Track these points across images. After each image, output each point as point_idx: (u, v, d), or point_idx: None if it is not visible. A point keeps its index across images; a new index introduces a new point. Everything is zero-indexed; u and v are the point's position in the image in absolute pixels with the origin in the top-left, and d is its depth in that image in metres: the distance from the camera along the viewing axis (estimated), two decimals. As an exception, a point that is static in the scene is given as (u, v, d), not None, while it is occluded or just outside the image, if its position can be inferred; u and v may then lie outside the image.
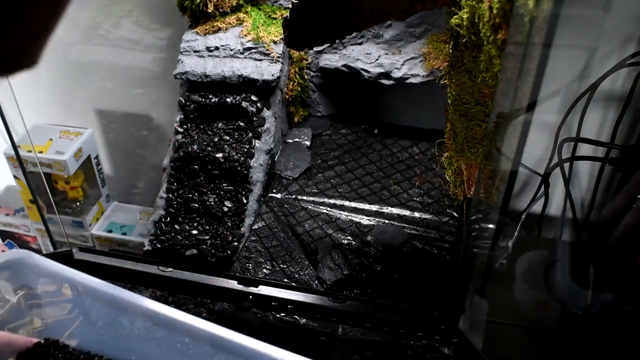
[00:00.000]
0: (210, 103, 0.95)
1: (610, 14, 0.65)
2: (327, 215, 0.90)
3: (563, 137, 0.71)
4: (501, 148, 0.57)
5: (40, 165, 1.19)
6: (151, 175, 1.41)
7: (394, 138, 1.05)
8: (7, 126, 1.02)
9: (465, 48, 0.70)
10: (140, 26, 1.17)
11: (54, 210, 1.09)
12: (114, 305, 0.62)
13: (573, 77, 0.71)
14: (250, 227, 0.89)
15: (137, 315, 0.61)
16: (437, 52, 0.98)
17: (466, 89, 0.75)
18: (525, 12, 0.46)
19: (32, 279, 0.66)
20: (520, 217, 0.76)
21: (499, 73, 0.57)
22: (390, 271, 0.81)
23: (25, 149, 1.17)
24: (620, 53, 0.68)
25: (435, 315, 0.75)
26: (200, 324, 0.58)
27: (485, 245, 0.66)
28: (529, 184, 0.80)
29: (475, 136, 0.80)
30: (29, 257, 0.63)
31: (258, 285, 0.74)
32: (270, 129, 0.95)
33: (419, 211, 0.90)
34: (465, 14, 0.62)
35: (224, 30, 0.97)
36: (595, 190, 0.78)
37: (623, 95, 0.71)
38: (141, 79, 1.26)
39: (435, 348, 0.71)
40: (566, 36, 0.64)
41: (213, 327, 0.57)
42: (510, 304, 0.76)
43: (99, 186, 1.33)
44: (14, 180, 1.27)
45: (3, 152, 1.21)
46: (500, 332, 0.73)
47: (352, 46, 1.03)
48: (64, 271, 0.64)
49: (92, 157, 1.27)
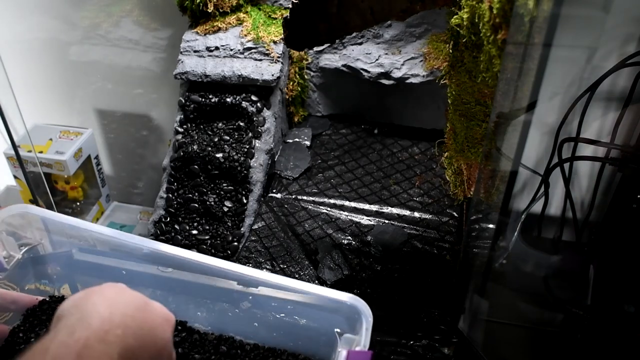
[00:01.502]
0: (210, 103, 0.95)
1: (610, 14, 0.65)
2: (327, 215, 0.90)
3: (563, 137, 0.71)
4: (501, 148, 0.57)
5: (40, 165, 1.19)
6: (151, 175, 1.41)
7: (394, 138, 1.05)
8: (7, 126, 1.02)
9: (465, 48, 0.70)
10: (140, 26, 1.17)
11: (54, 210, 1.09)
12: (117, 250, 0.63)
13: (573, 77, 0.71)
14: (250, 227, 0.89)
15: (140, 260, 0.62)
16: (437, 52, 0.98)
17: (466, 89, 0.75)
18: (525, 12, 0.46)
19: (35, 232, 0.66)
20: (520, 217, 0.76)
21: (499, 73, 0.57)
22: (390, 271, 0.81)
23: (25, 149, 1.17)
24: (620, 53, 0.68)
25: (435, 315, 0.75)
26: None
27: (485, 245, 0.66)
28: (529, 184, 0.80)
29: (475, 136, 0.80)
30: (30, 210, 0.63)
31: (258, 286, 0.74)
32: (270, 129, 0.95)
33: (419, 211, 0.90)
34: (465, 14, 0.62)
35: (224, 30, 0.97)
36: (595, 190, 0.78)
37: (623, 95, 0.71)
38: (141, 79, 1.26)
39: (435, 348, 0.71)
40: (566, 36, 0.64)
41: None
42: (510, 304, 0.76)
43: (99, 186, 1.33)
44: (14, 180, 1.27)
45: (3, 152, 1.21)
46: (500, 332, 0.73)
47: (352, 46, 1.03)
48: (67, 221, 0.64)
49: (92, 157, 1.27)
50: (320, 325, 0.61)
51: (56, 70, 1.28)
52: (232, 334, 0.65)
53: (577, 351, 0.71)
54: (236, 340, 0.64)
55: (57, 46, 1.23)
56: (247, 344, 0.64)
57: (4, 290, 0.62)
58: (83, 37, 1.21)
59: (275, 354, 0.63)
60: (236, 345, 0.63)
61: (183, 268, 0.64)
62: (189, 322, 0.67)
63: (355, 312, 0.56)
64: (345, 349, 0.53)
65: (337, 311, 0.58)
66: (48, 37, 1.22)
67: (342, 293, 0.57)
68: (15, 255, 0.65)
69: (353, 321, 0.56)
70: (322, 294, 0.58)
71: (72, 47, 1.23)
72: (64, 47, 1.23)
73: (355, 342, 0.54)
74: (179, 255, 0.63)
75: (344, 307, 0.57)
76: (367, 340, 0.53)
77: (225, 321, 0.66)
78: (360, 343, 0.53)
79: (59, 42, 1.23)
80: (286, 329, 0.64)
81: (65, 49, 1.23)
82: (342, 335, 0.55)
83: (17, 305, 0.61)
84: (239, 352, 0.63)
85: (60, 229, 0.66)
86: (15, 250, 0.65)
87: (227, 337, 0.64)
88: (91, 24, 1.19)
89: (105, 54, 1.23)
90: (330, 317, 0.59)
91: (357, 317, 0.56)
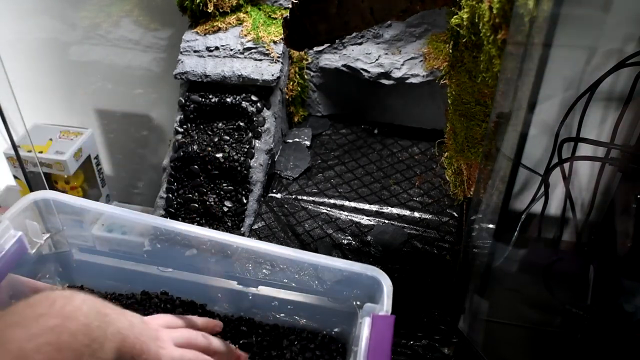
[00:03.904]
0: (210, 103, 0.94)
1: (610, 14, 0.65)
2: (327, 215, 0.90)
3: (563, 137, 0.71)
4: (501, 148, 0.57)
5: (40, 165, 1.19)
6: (151, 175, 1.41)
7: (394, 138, 1.05)
8: (7, 126, 1.02)
9: (465, 48, 0.70)
10: (140, 26, 1.17)
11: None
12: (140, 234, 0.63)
13: (573, 77, 0.71)
14: (250, 227, 0.89)
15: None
16: (437, 52, 0.98)
17: (466, 89, 0.75)
18: (525, 12, 0.46)
19: (58, 218, 0.66)
20: (520, 217, 0.76)
21: (499, 73, 0.57)
22: (390, 271, 0.81)
23: (25, 149, 1.17)
24: (620, 53, 0.68)
25: (435, 315, 0.75)
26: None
27: (485, 245, 0.66)
28: (529, 184, 0.80)
29: (475, 136, 0.80)
30: (55, 196, 0.64)
31: (258, 286, 0.74)
32: (270, 129, 0.95)
33: (419, 211, 0.90)
34: (465, 14, 0.62)
35: (224, 30, 0.97)
36: (595, 190, 0.78)
37: (623, 95, 0.71)
38: (141, 79, 1.26)
39: (435, 348, 0.71)
40: (566, 36, 0.64)
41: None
42: (510, 304, 0.76)
43: (99, 186, 1.33)
44: (14, 180, 1.27)
45: (3, 152, 1.21)
46: (500, 332, 0.73)
47: (352, 46, 1.03)
48: (91, 205, 0.64)
49: (92, 157, 1.27)
50: (339, 300, 0.62)
51: (56, 70, 1.28)
52: (251, 315, 0.65)
53: (577, 351, 0.71)
54: (256, 321, 0.64)
55: (57, 46, 1.23)
56: (266, 325, 0.64)
57: (27, 279, 0.63)
58: (83, 37, 1.21)
59: (295, 332, 0.63)
60: (256, 325, 0.64)
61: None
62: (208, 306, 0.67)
63: (374, 282, 0.56)
64: (368, 316, 0.53)
65: (355, 283, 0.58)
66: (48, 37, 1.22)
67: (359, 264, 0.57)
68: (39, 241, 0.65)
69: (372, 290, 0.57)
70: (340, 266, 0.58)
71: (72, 47, 1.23)
72: (64, 47, 1.23)
73: (377, 309, 0.54)
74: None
75: (362, 278, 0.57)
76: (389, 306, 0.53)
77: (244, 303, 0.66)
78: (383, 309, 0.53)
79: (59, 42, 1.23)
80: (304, 307, 0.64)
81: (65, 49, 1.23)
82: (362, 306, 0.56)
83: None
84: (259, 332, 0.63)
85: (82, 214, 0.66)
86: (38, 237, 0.65)
87: (247, 318, 0.65)
88: (91, 24, 1.19)
89: (105, 54, 1.23)
90: (348, 291, 0.59)
91: (376, 287, 0.56)
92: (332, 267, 0.59)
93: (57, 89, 1.31)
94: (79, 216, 0.67)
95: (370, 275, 0.57)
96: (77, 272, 0.74)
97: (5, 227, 0.60)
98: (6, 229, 0.60)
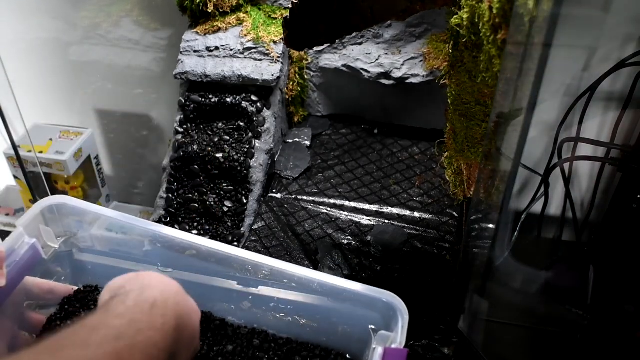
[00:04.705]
0: (210, 103, 0.95)
1: (610, 14, 0.65)
2: (327, 215, 0.90)
3: (563, 137, 0.71)
4: (501, 148, 0.57)
5: (40, 165, 1.19)
6: (151, 175, 1.41)
7: (394, 138, 1.05)
8: (7, 126, 1.02)
9: (465, 48, 0.70)
10: (140, 26, 1.17)
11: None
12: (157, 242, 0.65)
13: (573, 77, 0.71)
14: (250, 227, 0.89)
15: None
16: (437, 52, 0.98)
17: (466, 89, 0.75)
18: (525, 12, 0.46)
19: (72, 223, 0.67)
20: (520, 217, 0.76)
21: (499, 73, 0.57)
22: (390, 271, 0.81)
23: (25, 149, 1.17)
24: (620, 53, 0.68)
25: (435, 315, 0.75)
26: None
27: (485, 245, 0.66)
28: (529, 184, 0.80)
29: (475, 136, 0.80)
30: (67, 201, 0.64)
31: (258, 286, 0.74)
32: (270, 129, 0.95)
33: (419, 211, 0.90)
34: (465, 14, 0.62)
35: (224, 30, 0.97)
36: (595, 190, 0.78)
37: (623, 95, 0.71)
38: (141, 79, 1.26)
39: (435, 348, 0.71)
40: (566, 36, 0.64)
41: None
42: (510, 304, 0.76)
43: (99, 186, 1.33)
44: (14, 180, 1.27)
45: (3, 152, 1.21)
46: (500, 332, 0.73)
47: (352, 46, 1.03)
48: (103, 212, 0.65)
49: (92, 157, 1.27)
50: (354, 322, 0.61)
51: (56, 70, 1.28)
52: (264, 327, 0.65)
53: (577, 351, 0.71)
54: (269, 334, 0.64)
55: (57, 46, 1.23)
56: (280, 338, 0.64)
57: (42, 280, 0.63)
58: (83, 37, 1.21)
59: (308, 349, 0.63)
60: (269, 339, 0.63)
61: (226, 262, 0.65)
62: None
63: (390, 309, 0.55)
64: (381, 346, 0.52)
65: (371, 307, 0.57)
66: (48, 37, 1.22)
67: (378, 290, 0.57)
68: (53, 246, 0.65)
69: (388, 318, 0.56)
70: (357, 290, 0.58)
71: (72, 47, 1.23)
72: (64, 47, 1.23)
73: (391, 339, 0.53)
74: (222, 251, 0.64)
75: (379, 303, 0.56)
76: (403, 338, 0.52)
77: (257, 316, 0.66)
78: (397, 340, 0.52)
79: (59, 42, 1.23)
80: (319, 324, 0.64)
81: (65, 49, 1.23)
82: (377, 332, 0.55)
83: (53, 295, 0.63)
84: (272, 346, 0.63)
85: (95, 220, 0.67)
86: (52, 241, 0.65)
87: (260, 331, 0.65)
88: (91, 24, 1.19)
89: (105, 54, 1.23)
90: (364, 313, 0.58)
91: (392, 314, 0.55)
92: (349, 290, 0.58)
93: (57, 89, 1.32)
94: (80, 217, 0.67)
95: (387, 301, 0.56)
96: (78, 273, 0.74)
97: (19, 234, 0.60)
98: (20, 236, 0.60)
